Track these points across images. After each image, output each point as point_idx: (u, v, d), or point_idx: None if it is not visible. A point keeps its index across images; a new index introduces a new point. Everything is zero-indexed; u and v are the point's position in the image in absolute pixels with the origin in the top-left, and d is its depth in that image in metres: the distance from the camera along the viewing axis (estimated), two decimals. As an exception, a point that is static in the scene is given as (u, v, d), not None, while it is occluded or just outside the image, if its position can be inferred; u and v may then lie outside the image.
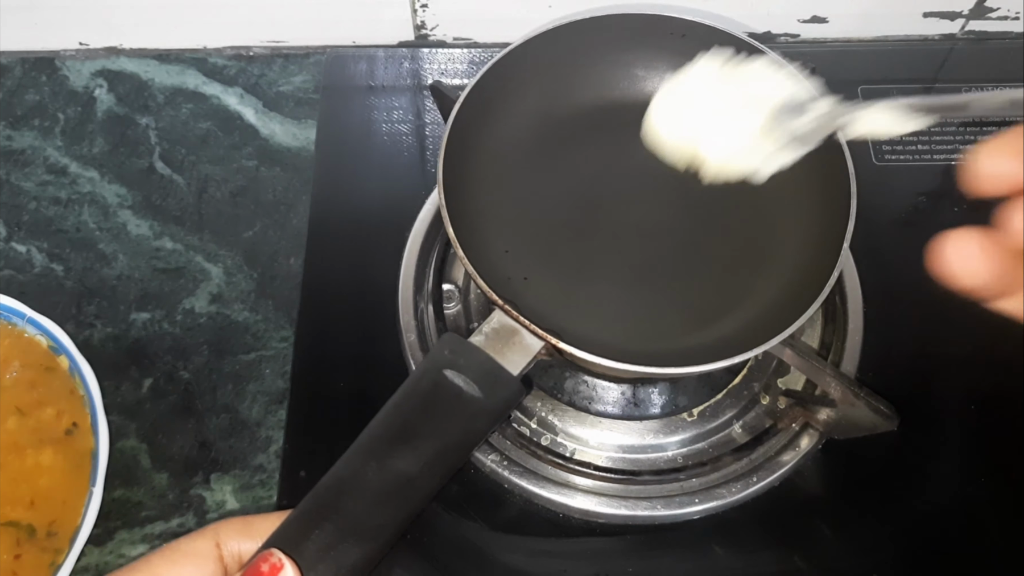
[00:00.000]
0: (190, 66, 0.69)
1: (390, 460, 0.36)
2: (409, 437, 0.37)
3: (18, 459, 0.50)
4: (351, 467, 0.36)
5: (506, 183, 0.55)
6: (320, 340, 0.57)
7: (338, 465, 0.36)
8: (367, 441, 0.37)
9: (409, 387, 0.40)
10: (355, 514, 0.34)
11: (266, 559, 0.30)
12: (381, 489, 0.35)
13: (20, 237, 0.61)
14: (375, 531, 0.34)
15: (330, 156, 0.65)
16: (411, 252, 0.58)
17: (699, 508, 0.51)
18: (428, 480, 0.37)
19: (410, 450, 0.37)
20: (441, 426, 0.38)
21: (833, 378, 0.50)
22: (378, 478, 0.36)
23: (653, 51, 0.57)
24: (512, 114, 0.55)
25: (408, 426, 0.38)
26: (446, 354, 0.41)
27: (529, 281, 0.51)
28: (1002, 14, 0.70)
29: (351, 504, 0.35)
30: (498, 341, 0.43)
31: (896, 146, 0.65)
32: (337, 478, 0.36)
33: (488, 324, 0.43)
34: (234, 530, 0.32)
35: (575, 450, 0.53)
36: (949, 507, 0.52)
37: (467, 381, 0.40)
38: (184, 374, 0.56)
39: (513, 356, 0.42)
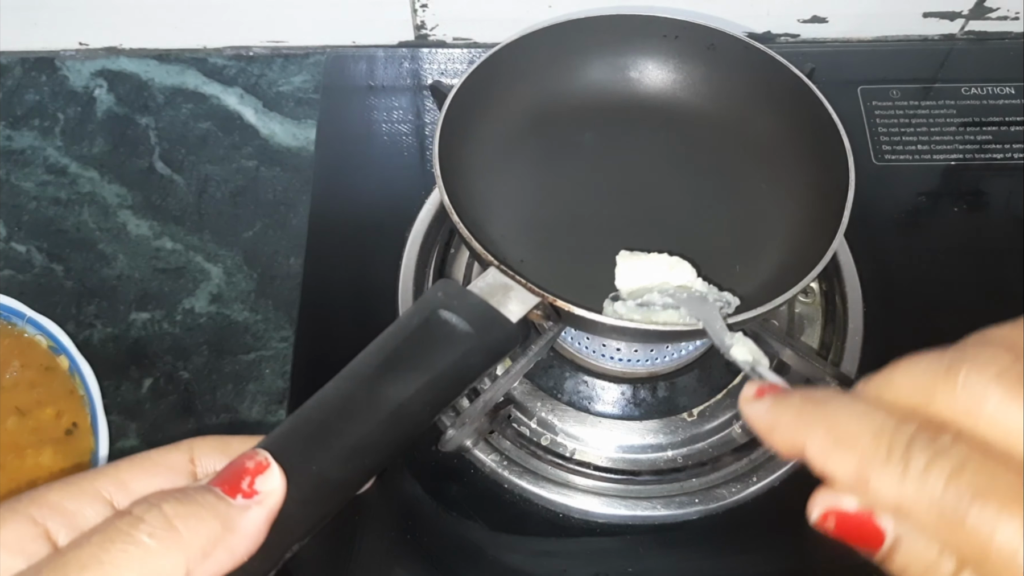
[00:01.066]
0: (190, 66, 0.69)
1: (379, 385, 0.35)
2: (399, 366, 0.36)
3: (18, 459, 0.50)
4: (338, 390, 0.35)
5: (502, 174, 0.55)
6: (320, 340, 0.57)
7: (325, 388, 0.35)
8: (355, 367, 0.37)
9: (400, 322, 0.39)
10: (340, 433, 0.33)
11: (251, 457, 0.29)
12: (369, 412, 0.35)
13: (20, 237, 0.61)
14: (361, 451, 0.33)
15: (330, 156, 0.65)
16: (411, 252, 0.59)
17: (699, 508, 0.51)
18: (418, 409, 0.36)
19: (400, 378, 0.36)
20: (432, 357, 0.37)
21: (833, 378, 0.50)
22: (364, 401, 0.35)
23: (647, 53, 0.57)
24: (507, 106, 0.56)
25: (397, 355, 0.37)
26: (439, 296, 0.40)
27: (525, 263, 0.51)
28: (1002, 14, 0.70)
29: (337, 424, 0.34)
30: (494, 293, 0.42)
31: (896, 146, 0.65)
32: (323, 399, 0.35)
33: (483, 279, 0.43)
34: (210, 447, 0.30)
35: (575, 450, 0.53)
36: (949, 507, 0.52)
37: (461, 320, 0.39)
38: (184, 374, 0.56)
39: (509, 306, 0.42)
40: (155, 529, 0.25)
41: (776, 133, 0.55)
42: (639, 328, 0.44)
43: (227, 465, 0.29)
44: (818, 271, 0.45)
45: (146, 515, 0.25)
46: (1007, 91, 0.68)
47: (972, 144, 0.65)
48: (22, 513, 0.26)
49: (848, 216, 0.47)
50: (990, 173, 0.64)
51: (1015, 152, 0.65)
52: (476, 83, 0.52)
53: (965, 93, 0.68)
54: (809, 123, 0.52)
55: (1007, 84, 0.68)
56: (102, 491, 0.27)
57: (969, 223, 0.62)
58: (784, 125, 0.55)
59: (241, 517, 0.27)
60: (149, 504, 0.26)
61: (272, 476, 0.28)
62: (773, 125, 0.55)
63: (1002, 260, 0.60)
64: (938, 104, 0.67)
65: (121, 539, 0.25)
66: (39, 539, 0.26)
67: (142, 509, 0.25)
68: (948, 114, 0.66)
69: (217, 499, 0.27)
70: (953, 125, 0.66)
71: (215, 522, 0.26)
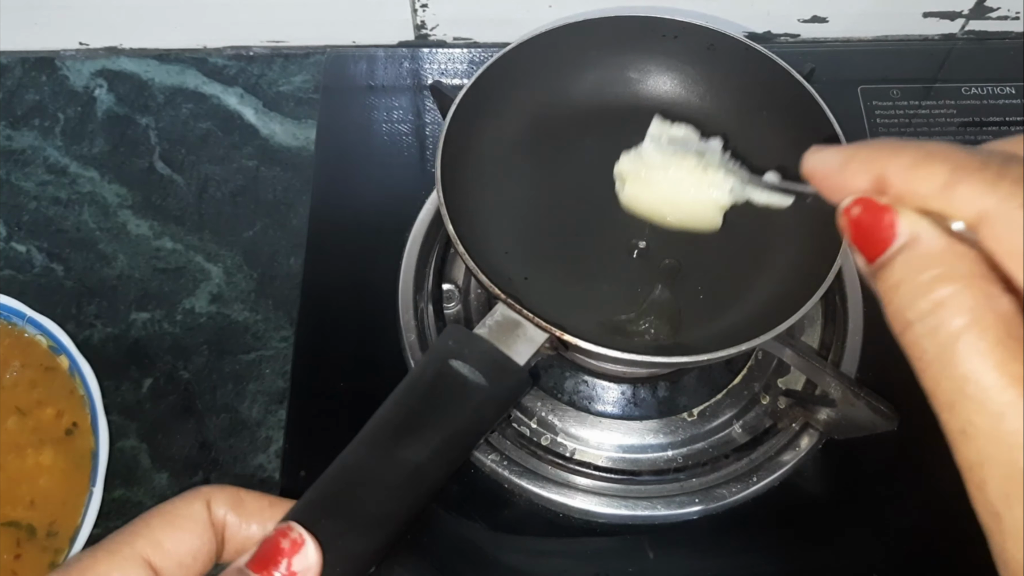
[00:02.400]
0: (190, 66, 0.69)
1: (397, 449, 0.36)
2: (415, 427, 0.37)
3: (18, 459, 0.50)
4: (357, 457, 0.36)
5: (504, 184, 0.55)
6: (320, 340, 0.57)
7: (343, 455, 0.36)
8: (373, 431, 0.37)
9: (414, 377, 0.40)
10: (363, 503, 0.34)
11: (285, 533, 0.29)
12: (388, 478, 0.35)
13: (20, 237, 0.61)
14: (383, 520, 0.34)
15: (330, 156, 0.65)
16: (411, 252, 0.58)
17: (699, 508, 0.51)
18: (436, 469, 0.36)
19: (416, 439, 0.36)
20: (447, 415, 0.38)
21: (833, 378, 0.50)
22: (385, 467, 0.35)
23: (646, 54, 0.57)
24: (508, 116, 0.56)
25: (414, 415, 0.38)
26: (450, 344, 0.40)
27: (530, 281, 0.51)
28: (1002, 14, 0.70)
29: (358, 493, 0.34)
30: (502, 333, 0.42)
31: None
32: (343, 468, 0.35)
33: (491, 317, 0.43)
34: (224, 499, 0.31)
35: (575, 450, 0.53)
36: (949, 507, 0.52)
37: (472, 370, 0.39)
38: (184, 374, 0.56)
39: (518, 347, 0.42)
40: None
41: (776, 136, 0.55)
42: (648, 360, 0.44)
43: (262, 544, 0.29)
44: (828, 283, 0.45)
45: None
46: (1007, 91, 0.68)
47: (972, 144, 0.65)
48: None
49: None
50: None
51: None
52: (475, 96, 0.52)
53: (965, 93, 0.68)
54: (808, 127, 0.52)
55: (1007, 84, 0.68)
56: (142, 554, 0.28)
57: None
58: (783, 128, 0.54)
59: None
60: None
61: (308, 554, 0.29)
62: (773, 128, 0.55)
63: (1002, 260, 0.60)
64: (938, 104, 0.67)
65: None
66: None
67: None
68: (948, 114, 0.66)
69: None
70: (953, 125, 0.66)
71: None
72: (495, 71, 0.53)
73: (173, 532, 0.29)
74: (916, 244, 0.23)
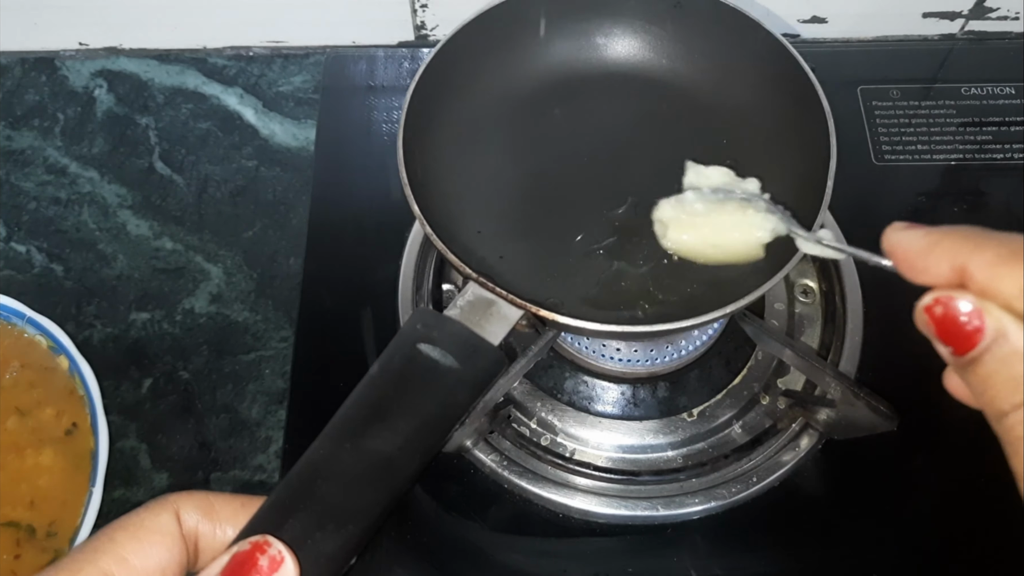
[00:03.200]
0: (190, 66, 0.69)
1: (365, 440, 0.34)
2: (384, 415, 0.35)
3: (18, 459, 0.50)
4: (324, 451, 0.34)
5: (473, 163, 0.53)
6: (320, 340, 0.57)
7: (310, 450, 0.34)
8: (339, 423, 0.36)
9: (381, 364, 0.38)
10: (332, 499, 0.33)
11: (262, 549, 0.28)
12: (358, 471, 0.34)
13: (20, 237, 0.61)
14: (355, 515, 0.33)
15: (330, 156, 0.65)
16: (411, 252, 0.58)
17: (699, 508, 0.51)
18: (408, 459, 0.35)
19: (386, 428, 0.35)
20: (417, 401, 0.36)
21: (833, 378, 0.50)
22: (354, 460, 0.34)
23: (611, 17, 0.56)
24: (472, 92, 0.54)
25: (382, 404, 0.36)
26: (418, 328, 0.39)
27: (505, 260, 0.50)
28: (1002, 14, 0.70)
29: (327, 489, 0.33)
30: (474, 313, 0.41)
31: (896, 146, 0.65)
32: (310, 463, 0.34)
33: (462, 297, 0.42)
34: (193, 506, 0.30)
35: (575, 450, 0.53)
36: (949, 507, 0.52)
37: (443, 353, 0.38)
38: (184, 374, 0.56)
39: (491, 327, 0.41)
40: None
41: (752, 94, 0.53)
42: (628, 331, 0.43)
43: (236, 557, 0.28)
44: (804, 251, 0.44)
45: None
46: (1007, 91, 0.68)
47: (972, 144, 0.65)
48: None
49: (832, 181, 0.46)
50: (990, 173, 0.64)
51: (1015, 152, 0.65)
52: (436, 73, 0.51)
53: (965, 93, 0.68)
54: (785, 82, 0.50)
55: (1007, 84, 0.68)
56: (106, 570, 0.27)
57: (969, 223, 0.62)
58: (759, 85, 0.53)
59: None
60: None
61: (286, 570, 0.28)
62: (748, 86, 0.53)
63: (1002, 260, 0.60)
64: (938, 104, 0.67)
65: None
66: None
67: None
68: (948, 114, 0.66)
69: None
70: (953, 125, 0.66)
71: None
72: (454, 46, 0.52)
73: (139, 546, 0.28)
74: (1004, 341, 0.24)
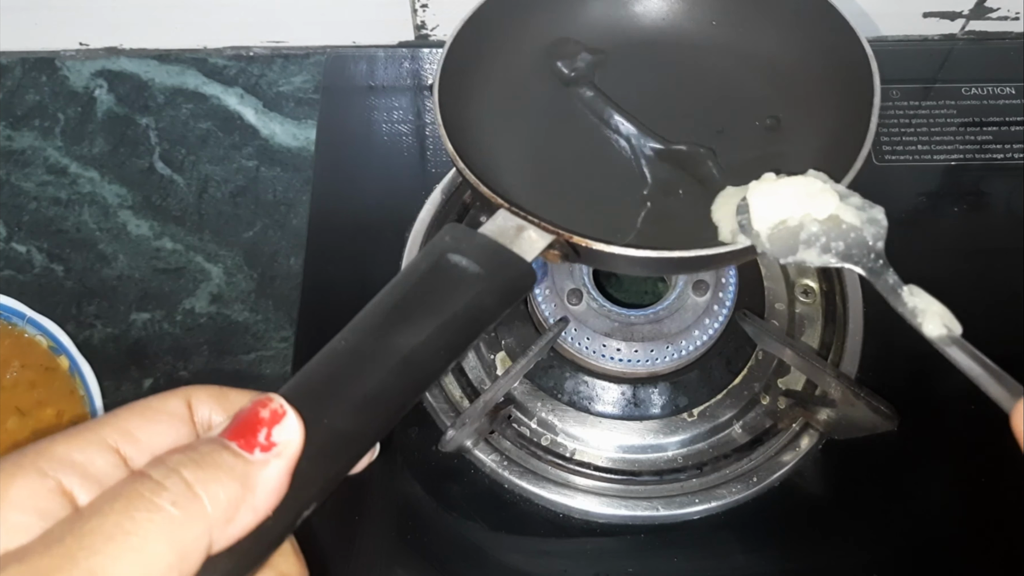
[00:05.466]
0: (190, 66, 0.69)
1: (388, 334, 0.34)
2: (408, 312, 0.35)
3: (18, 459, 0.50)
4: (346, 343, 0.34)
5: (505, 120, 0.52)
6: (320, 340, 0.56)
7: (331, 343, 0.34)
8: (363, 317, 0.35)
9: (408, 268, 0.37)
10: (351, 385, 0.32)
11: (264, 404, 0.26)
12: (378, 360, 0.33)
13: (20, 237, 0.61)
14: (372, 402, 0.32)
15: (330, 156, 0.65)
16: (411, 252, 0.59)
17: (699, 508, 0.51)
18: (431, 355, 0.34)
19: (410, 325, 0.34)
20: (444, 302, 0.35)
21: (833, 378, 0.50)
22: (375, 350, 0.33)
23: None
24: (507, 49, 0.53)
25: (407, 302, 0.35)
26: (447, 240, 0.38)
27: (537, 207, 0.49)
28: (1002, 14, 0.70)
29: (346, 376, 0.32)
30: (504, 235, 0.40)
31: (896, 146, 0.65)
32: (331, 353, 0.33)
33: (492, 222, 0.41)
34: (208, 396, 0.29)
35: (575, 450, 0.53)
36: (949, 507, 0.52)
37: (471, 262, 0.37)
38: (184, 374, 0.56)
39: (522, 245, 0.40)
40: (177, 497, 0.24)
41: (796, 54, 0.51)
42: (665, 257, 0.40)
43: (239, 414, 0.27)
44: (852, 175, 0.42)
45: (166, 481, 0.24)
46: (1007, 91, 0.68)
47: (972, 144, 0.65)
48: (29, 468, 0.25)
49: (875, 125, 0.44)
50: (990, 173, 0.64)
51: (1015, 152, 0.65)
52: (474, 28, 0.49)
53: (965, 93, 0.68)
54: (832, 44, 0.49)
55: (1007, 84, 0.68)
56: (108, 440, 0.26)
57: (969, 223, 0.62)
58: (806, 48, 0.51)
59: (260, 473, 0.25)
60: (168, 468, 0.24)
61: (289, 424, 0.26)
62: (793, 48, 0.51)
63: (1002, 260, 0.60)
64: (938, 104, 0.67)
65: (145, 507, 0.23)
66: (52, 494, 0.24)
67: (161, 474, 0.24)
68: (948, 114, 0.66)
69: (235, 457, 0.25)
70: (953, 125, 0.66)
71: (235, 484, 0.25)
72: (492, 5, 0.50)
73: (146, 424, 0.27)
74: None
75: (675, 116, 0.52)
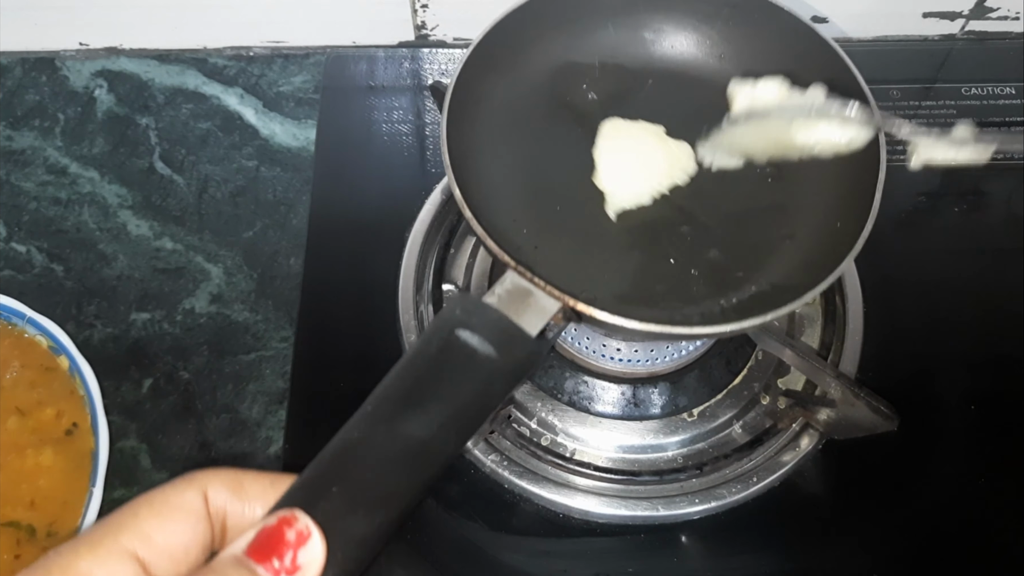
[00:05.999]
0: (190, 66, 0.69)
1: (400, 424, 0.34)
2: (420, 400, 0.35)
3: (18, 459, 0.50)
4: (358, 432, 0.34)
5: (512, 149, 0.52)
6: (320, 340, 0.57)
7: (344, 430, 0.34)
8: (375, 404, 0.35)
9: (419, 348, 0.38)
10: (364, 481, 0.32)
11: (290, 523, 0.27)
12: (391, 454, 0.33)
13: (20, 237, 0.61)
14: (386, 500, 0.32)
15: (330, 156, 0.65)
16: (411, 252, 0.58)
17: (699, 508, 0.51)
18: (442, 445, 0.34)
19: (421, 413, 0.34)
20: (454, 388, 0.36)
21: (833, 378, 0.50)
22: (387, 443, 0.33)
23: (662, 12, 0.55)
24: (517, 76, 0.53)
25: (418, 388, 0.36)
26: (457, 313, 0.38)
27: (539, 251, 0.49)
28: (1002, 14, 0.70)
29: (360, 470, 0.32)
30: (512, 302, 0.40)
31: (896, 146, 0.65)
32: (344, 443, 0.33)
33: (501, 285, 0.41)
34: (222, 484, 0.29)
35: (575, 450, 0.53)
36: (949, 507, 0.52)
37: (481, 341, 0.37)
38: (184, 374, 0.56)
39: (529, 317, 0.40)
40: None
41: None
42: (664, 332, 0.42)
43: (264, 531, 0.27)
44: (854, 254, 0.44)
45: None
46: (1007, 91, 0.68)
47: (972, 144, 0.65)
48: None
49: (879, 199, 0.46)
50: (990, 173, 0.64)
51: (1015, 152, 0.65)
52: (484, 53, 0.50)
53: (965, 93, 0.68)
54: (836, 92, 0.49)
55: (1007, 84, 0.68)
56: (128, 546, 0.26)
57: (969, 223, 0.62)
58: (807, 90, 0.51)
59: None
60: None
61: (314, 546, 0.27)
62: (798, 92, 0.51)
63: (1002, 260, 0.60)
64: (938, 104, 0.67)
65: None
66: None
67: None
68: (948, 114, 0.66)
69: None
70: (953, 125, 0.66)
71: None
72: (504, 28, 0.51)
73: (163, 524, 0.27)
74: None
75: None
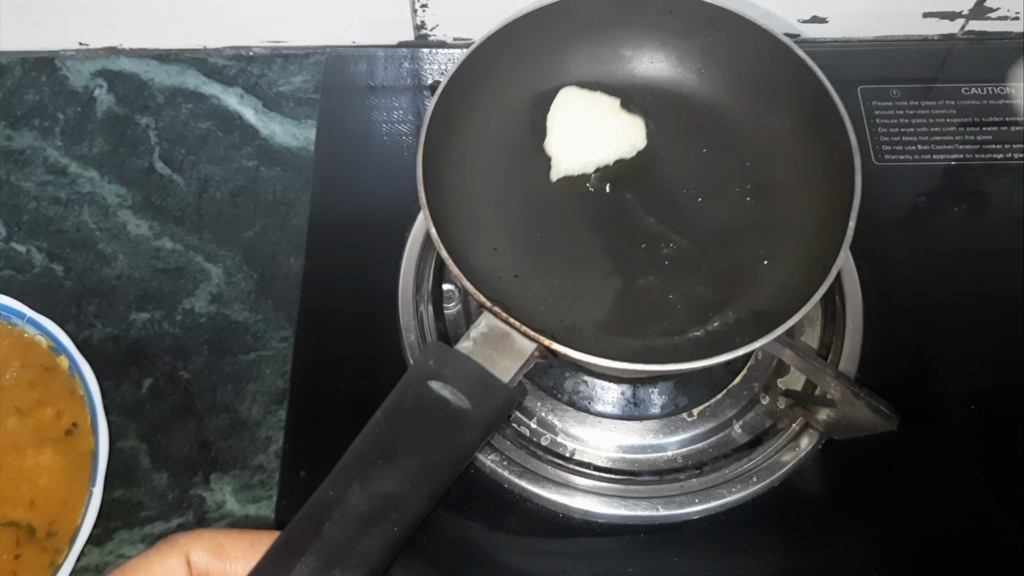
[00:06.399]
0: (190, 66, 0.69)
1: (373, 481, 0.34)
2: (393, 455, 0.35)
3: (18, 459, 0.50)
4: (333, 491, 0.35)
5: (492, 178, 0.53)
6: (320, 340, 0.57)
7: (320, 489, 0.35)
8: (348, 462, 0.36)
9: (392, 401, 0.38)
10: (339, 541, 0.33)
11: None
12: (365, 513, 0.34)
13: (20, 237, 0.61)
14: (362, 559, 0.33)
15: (330, 156, 0.65)
16: (411, 252, 0.58)
17: (699, 508, 0.51)
18: (415, 502, 0.35)
19: (394, 470, 0.35)
20: (427, 442, 0.36)
21: (833, 378, 0.50)
22: (361, 501, 0.34)
23: (640, 29, 0.55)
24: (496, 101, 0.54)
25: (392, 444, 0.36)
26: (430, 364, 0.39)
27: (519, 279, 0.50)
28: (1002, 14, 0.70)
29: (334, 531, 0.33)
30: (487, 347, 0.41)
31: (896, 146, 0.65)
32: (319, 503, 0.34)
33: (476, 328, 0.41)
34: (203, 547, 0.31)
35: (575, 450, 0.53)
36: (949, 507, 0.52)
37: (454, 392, 0.37)
38: (184, 374, 0.56)
39: (504, 362, 0.40)
40: None
41: (779, 118, 0.53)
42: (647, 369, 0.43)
43: None
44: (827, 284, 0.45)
45: None
46: (1007, 91, 0.68)
47: (972, 144, 0.65)
48: None
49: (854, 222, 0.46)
50: (990, 173, 0.64)
51: (1015, 152, 0.65)
52: (462, 81, 0.50)
53: (965, 93, 0.68)
54: (808, 105, 0.50)
55: (1007, 84, 0.68)
56: None
57: (969, 223, 0.62)
58: (786, 110, 0.52)
59: None
60: None
61: None
62: (776, 110, 0.53)
63: (1002, 260, 0.60)
64: (938, 104, 0.67)
65: None
66: None
67: None
68: (948, 114, 0.66)
69: None
70: (953, 125, 0.66)
71: None
72: (481, 54, 0.51)
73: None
74: None
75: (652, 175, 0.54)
